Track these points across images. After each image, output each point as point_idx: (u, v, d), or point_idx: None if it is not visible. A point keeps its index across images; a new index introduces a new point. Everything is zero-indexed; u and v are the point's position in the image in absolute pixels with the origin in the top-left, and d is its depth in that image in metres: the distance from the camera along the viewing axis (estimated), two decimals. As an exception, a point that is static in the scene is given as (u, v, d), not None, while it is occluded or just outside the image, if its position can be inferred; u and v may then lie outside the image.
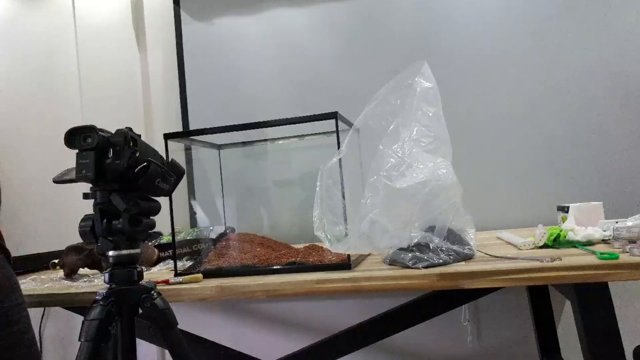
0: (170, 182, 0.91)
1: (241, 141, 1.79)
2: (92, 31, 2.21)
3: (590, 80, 1.80)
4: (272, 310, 2.06)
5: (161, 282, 1.20)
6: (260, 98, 2.09)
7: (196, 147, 1.75)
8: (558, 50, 1.83)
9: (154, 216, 0.91)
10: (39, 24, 2.28)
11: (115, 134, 0.85)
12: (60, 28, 2.25)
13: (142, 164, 0.85)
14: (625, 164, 1.76)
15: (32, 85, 2.27)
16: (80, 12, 2.22)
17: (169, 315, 0.92)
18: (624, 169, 1.76)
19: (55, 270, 1.66)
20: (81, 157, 0.82)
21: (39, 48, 2.27)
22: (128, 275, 0.89)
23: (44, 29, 2.27)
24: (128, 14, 2.21)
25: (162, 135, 1.29)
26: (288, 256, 1.30)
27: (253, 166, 2.00)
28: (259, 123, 1.28)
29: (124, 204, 0.83)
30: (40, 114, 2.26)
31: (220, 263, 1.33)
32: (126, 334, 0.89)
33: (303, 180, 1.95)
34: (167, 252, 1.58)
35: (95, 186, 0.86)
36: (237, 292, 1.14)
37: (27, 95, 2.28)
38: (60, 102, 2.24)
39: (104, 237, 0.85)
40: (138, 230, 0.86)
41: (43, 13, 2.28)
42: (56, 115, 2.24)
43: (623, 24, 1.78)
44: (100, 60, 2.21)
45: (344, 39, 2.03)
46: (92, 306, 0.85)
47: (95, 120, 1.03)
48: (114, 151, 0.83)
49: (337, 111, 1.21)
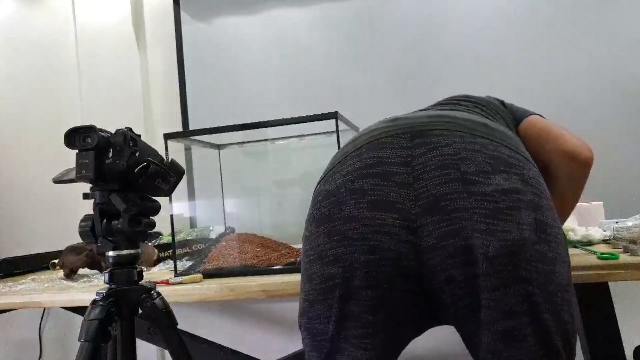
0: (170, 182, 0.91)
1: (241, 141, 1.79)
2: (92, 31, 2.21)
3: (590, 80, 1.80)
4: (272, 310, 2.06)
5: (161, 282, 1.20)
6: (260, 98, 2.09)
7: (196, 147, 1.75)
8: (558, 50, 1.83)
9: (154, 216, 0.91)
10: (39, 24, 2.28)
11: (115, 134, 0.85)
12: (60, 28, 2.25)
13: (142, 164, 0.85)
14: (626, 163, 1.76)
15: (32, 85, 2.28)
16: (80, 12, 2.22)
17: (169, 316, 0.92)
18: (624, 169, 1.76)
19: (55, 270, 1.66)
20: (81, 157, 0.82)
21: (39, 48, 2.27)
22: (128, 276, 0.89)
23: (44, 29, 2.27)
24: (128, 13, 2.21)
25: (162, 135, 1.29)
26: (288, 256, 1.30)
27: (253, 166, 2.00)
28: (259, 123, 1.28)
29: (124, 204, 0.83)
30: (40, 114, 2.26)
31: (220, 263, 1.33)
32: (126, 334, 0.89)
33: (303, 180, 1.95)
34: (167, 252, 1.58)
35: (95, 186, 0.85)
36: (237, 292, 1.14)
37: (27, 95, 2.28)
38: (60, 102, 2.24)
39: (104, 237, 0.85)
40: (138, 231, 0.86)
41: (43, 13, 2.28)
42: (56, 115, 2.24)
43: (623, 24, 1.78)
44: (100, 60, 2.21)
45: (344, 39, 2.03)
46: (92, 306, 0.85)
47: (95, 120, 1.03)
48: (114, 151, 0.83)
49: (337, 111, 1.21)
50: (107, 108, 2.17)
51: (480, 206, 0.66)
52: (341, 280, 0.70)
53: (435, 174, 0.68)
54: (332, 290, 0.71)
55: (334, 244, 0.71)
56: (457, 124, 0.74)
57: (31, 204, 2.24)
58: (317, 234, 0.73)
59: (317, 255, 0.73)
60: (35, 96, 2.27)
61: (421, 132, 0.72)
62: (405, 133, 0.73)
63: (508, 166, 0.69)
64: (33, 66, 2.27)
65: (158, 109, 2.24)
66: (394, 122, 0.77)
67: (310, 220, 0.75)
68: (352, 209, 0.69)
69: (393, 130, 0.74)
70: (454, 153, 0.69)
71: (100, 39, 2.21)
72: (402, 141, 0.72)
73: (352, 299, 0.69)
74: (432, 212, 0.67)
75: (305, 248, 0.76)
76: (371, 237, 0.68)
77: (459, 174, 0.67)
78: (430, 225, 0.67)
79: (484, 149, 0.70)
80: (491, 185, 0.66)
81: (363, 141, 0.76)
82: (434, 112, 0.80)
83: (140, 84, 2.22)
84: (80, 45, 2.22)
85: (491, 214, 0.65)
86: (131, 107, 2.19)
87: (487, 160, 0.68)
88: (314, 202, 0.76)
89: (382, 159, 0.71)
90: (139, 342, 0.98)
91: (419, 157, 0.70)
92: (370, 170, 0.71)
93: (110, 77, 2.20)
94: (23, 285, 1.42)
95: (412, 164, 0.69)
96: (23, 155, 2.27)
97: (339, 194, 0.71)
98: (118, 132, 0.85)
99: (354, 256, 0.69)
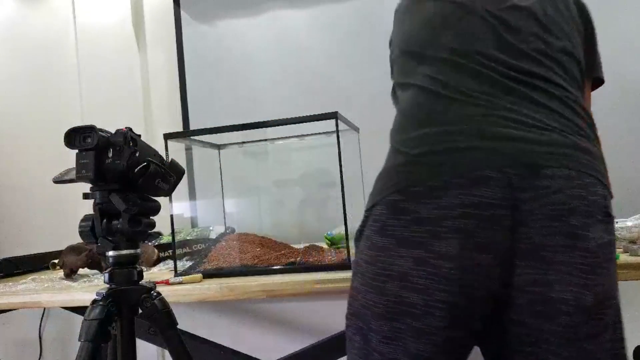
0: (170, 182, 0.91)
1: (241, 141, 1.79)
2: (92, 31, 2.21)
3: (590, 80, 1.80)
4: (272, 310, 2.06)
5: (161, 282, 1.20)
6: (260, 98, 2.09)
7: (196, 147, 1.75)
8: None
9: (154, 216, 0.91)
10: (39, 24, 2.28)
11: (115, 134, 0.85)
12: (60, 28, 2.25)
13: (142, 164, 0.85)
14: (625, 163, 1.76)
15: (32, 85, 2.27)
16: (80, 12, 2.22)
17: (169, 315, 0.92)
18: (624, 168, 1.75)
19: (55, 270, 1.66)
20: (81, 157, 0.82)
21: (39, 48, 2.27)
22: (128, 276, 0.89)
23: (44, 29, 2.27)
24: (128, 14, 2.21)
25: (162, 135, 1.29)
26: (288, 256, 1.30)
27: (253, 166, 2.00)
28: (259, 123, 1.28)
29: (124, 204, 0.83)
30: (40, 114, 2.26)
31: (220, 263, 1.33)
32: (126, 334, 0.89)
33: (303, 180, 1.95)
34: (167, 252, 1.58)
35: (95, 186, 0.86)
36: (237, 292, 1.14)
37: (27, 95, 2.28)
38: (60, 102, 2.24)
39: (104, 237, 0.85)
40: (138, 231, 0.86)
41: (43, 13, 2.28)
42: (56, 115, 2.24)
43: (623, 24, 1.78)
44: (100, 60, 2.20)
45: (344, 39, 2.03)
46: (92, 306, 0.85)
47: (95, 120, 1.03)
48: (114, 151, 0.83)
49: (337, 111, 1.21)
50: (107, 108, 2.17)
51: (582, 262, 0.67)
52: (420, 313, 0.69)
53: (543, 225, 0.67)
54: (403, 315, 0.70)
55: (421, 273, 0.69)
56: (563, 155, 0.70)
57: (31, 204, 2.24)
58: (398, 253, 0.71)
59: (396, 274, 0.71)
60: (35, 96, 2.27)
61: (529, 169, 0.68)
62: (512, 166, 0.68)
63: (605, 215, 0.71)
64: (33, 66, 2.27)
65: (158, 109, 2.24)
66: (493, 141, 0.70)
67: (391, 234, 0.72)
68: (451, 249, 0.68)
69: (499, 161, 0.69)
70: (563, 202, 0.68)
71: (100, 39, 2.21)
72: (509, 179, 0.68)
73: (424, 335, 0.69)
74: (530, 258, 0.68)
75: (374, 255, 0.74)
76: (465, 278, 0.67)
77: (566, 228, 0.67)
78: (525, 269, 0.68)
79: (586, 192, 0.69)
80: (593, 240, 0.68)
81: (465, 164, 0.69)
82: (535, 137, 0.72)
83: (140, 84, 2.22)
84: (80, 45, 2.21)
85: (590, 270, 0.67)
86: (131, 107, 2.19)
87: (588, 208, 0.69)
88: (396, 216, 0.72)
89: (489, 200, 0.67)
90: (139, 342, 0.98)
91: (527, 203, 0.68)
92: (476, 212, 0.67)
93: (110, 77, 2.20)
94: (23, 285, 1.42)
95: (519, 208, 0.67)
96: (23, 155, 2.27)
97: (439, 227, 0.68)
98: (118, 132, 0.85)
99: (441, 295, 0.68)
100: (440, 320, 0.68)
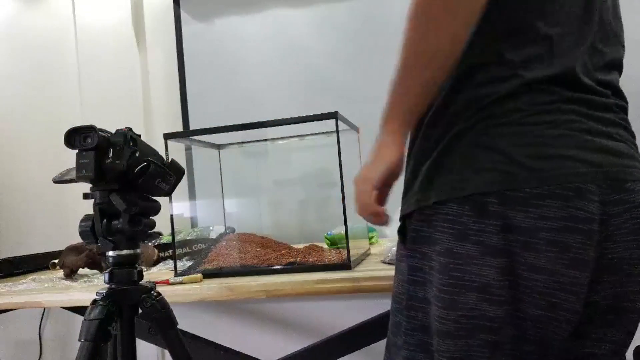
0: (170, 182, 0.91)
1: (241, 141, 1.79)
2: (92, 31, 2.21)
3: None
4: (272, 310, 2.06)
5: (161, 282, 1.20)
6: (260, 98, 2.09)
7: (196, 147, 1.75)
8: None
9: (154, 216, 0.91)
10: (39, 24, 2.27)
11: (115, 134, 0.85)
12: (60, 28, 2.25)
13: (142, 164, 0.85)
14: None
15: (32, 85, 2.27)
16: (80, 12, 2.22)
17: (169, 315, 0.92)
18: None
19: (55, 270, 1.66)
20: (81, 157, 0.82)
21: (38, 48, 2.27)
22: (128, 275, 0.89)
23: (44, 29, 2.27)
24: (128, 13, 2.21)
25: (162, 135, 1.29)
26: (288, 256, 1.30)
27: (253, 166, 2.00)
28: (259, 123, 1.28)
29: (124, 204, 0.83)
30: (40, 114, 2.26)
31: (220, 263, 1.33)
32: (126, 334, 0.89)
33: (303, 180, 1.95)
34: (167, 252, 1.58)
35: (95, 186, 0.86)
36: (237, 292, 1.14)
37: (27, 95, 2.27)
38: (60, 102, 2.24)
39: (104, 237, 0.85)
40: (138, 230, 0.86)
41: (43, 13, 2.28)
42: (56, 115, 2.23)
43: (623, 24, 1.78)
44: (100, 60, 2.20)
45: (344, 39, 2.03)
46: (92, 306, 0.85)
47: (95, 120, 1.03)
48: (114, 151, 0.83)
49: (337, 111, 1.21)
50: (107, 108, 2.17)
51: None
52: (498, 326, 0.66)
53: (628, 239, 0.67)
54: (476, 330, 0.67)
55: (505, 283, 0.65)
56: (636, 168, 0.71)
57: (31, 204, 2.24)
58: (482, 262, 0.65)
59: (476, 285, 0.66)
60: (35, 96, 2.26)
61: (617, 182, 0.67)
62: (603, 179, 0.66)
63: None
64: (33, 66, 2.27)
65: (158, 109, 2.24)
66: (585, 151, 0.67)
67: (475, 240, 0.66)
68: (547, 262, 0.64)
69: (592, 173, 0.66)
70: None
71: (100, 38, 2.21)
72: (602, 194, 0.65)
73: (499, 348, 0.67)
74: (613, 274, 0.68)
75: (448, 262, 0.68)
76: (556, 294, 0.65)
77: None
78: (606, 285, 0.68)
79: None
80: None
81: (565, 174, 0.66)
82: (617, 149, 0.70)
83: (140, 84, 2.22)
84: (80, 45, 2.21)
85: None
86: (131, 107, 2.19)
87: None
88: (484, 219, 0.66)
89: (588, 213, 0.64)
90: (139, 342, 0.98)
91: (615, 218, 0.66)
92: (576, 226, 0.64)
93: (110, 77, 2.20)
94: (23, 285, 1.42)
95: (608, 223, 0.66)
96: (23, 155, 2.26)
97: (534, 238, 0.64)
98: (118, 132, 0.85)
99: (524, 305, 0.65)
100: (520, 333, 0.66)
